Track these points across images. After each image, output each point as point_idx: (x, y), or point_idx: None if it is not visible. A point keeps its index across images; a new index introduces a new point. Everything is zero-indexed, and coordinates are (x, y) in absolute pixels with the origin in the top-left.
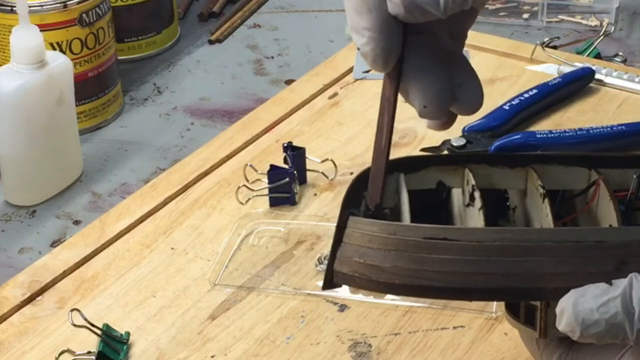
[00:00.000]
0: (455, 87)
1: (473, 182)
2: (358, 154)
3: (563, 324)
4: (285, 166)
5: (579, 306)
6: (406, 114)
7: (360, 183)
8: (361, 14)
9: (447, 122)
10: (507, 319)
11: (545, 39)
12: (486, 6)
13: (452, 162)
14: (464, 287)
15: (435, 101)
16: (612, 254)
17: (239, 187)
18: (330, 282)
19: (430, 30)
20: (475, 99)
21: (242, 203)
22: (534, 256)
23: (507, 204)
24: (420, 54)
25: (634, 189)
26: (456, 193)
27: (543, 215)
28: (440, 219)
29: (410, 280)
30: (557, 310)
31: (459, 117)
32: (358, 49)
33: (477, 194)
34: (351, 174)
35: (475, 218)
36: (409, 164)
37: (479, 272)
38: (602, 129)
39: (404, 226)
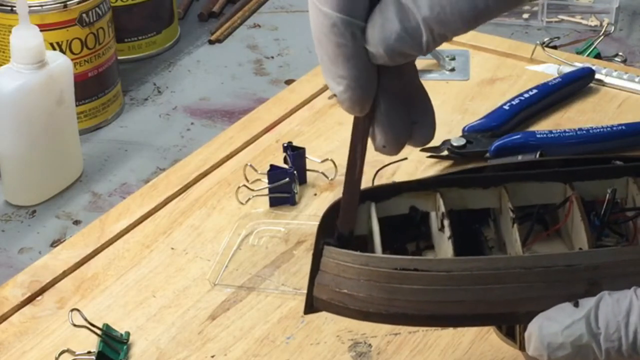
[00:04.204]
0: (412, 125)
1: (443, 209)
2: None
3: (531, 348)
4: (285, 166)
5: (544, 330)
6: None
7: (333, 213)
8: (337, 62)
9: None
10: (494, 330)
11: (545, 39)
12: None
13: (423, 187)
14: (437, 314)
15: (393, 142)
16: (582, 277)
17: (239, 187)
18: (310, 307)
19: (399, 67)
20: (427, 137)
21: (242, 203)
22: (503, 283)
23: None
24: (388, 96)
25: (609, 202)
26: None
27: (512, 240)
28: (420, 232)
29: (384, 308)
30: (526, 335)
31: (459, 116)
32: (334, 95)
33: (446, 223)
34: None
35: (445, 245)
36: (379, 193)
37: (451, 301)
38: (602, 129)
39: (375, 257)
